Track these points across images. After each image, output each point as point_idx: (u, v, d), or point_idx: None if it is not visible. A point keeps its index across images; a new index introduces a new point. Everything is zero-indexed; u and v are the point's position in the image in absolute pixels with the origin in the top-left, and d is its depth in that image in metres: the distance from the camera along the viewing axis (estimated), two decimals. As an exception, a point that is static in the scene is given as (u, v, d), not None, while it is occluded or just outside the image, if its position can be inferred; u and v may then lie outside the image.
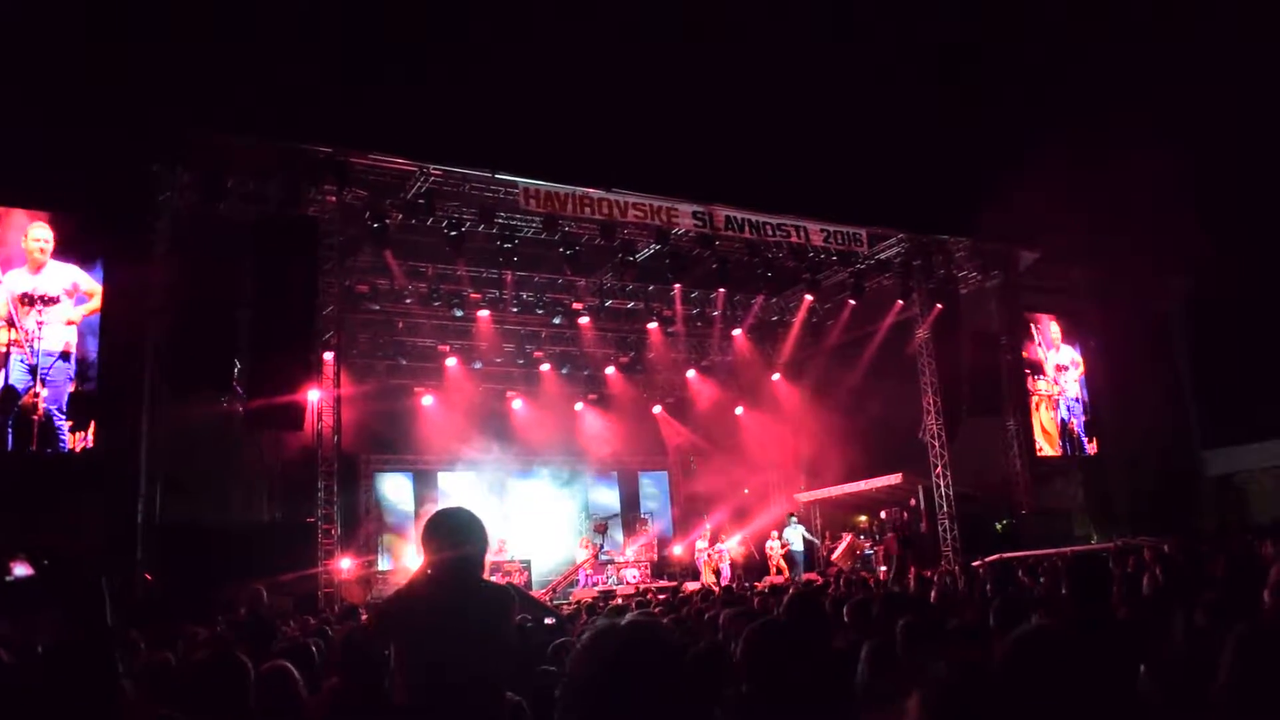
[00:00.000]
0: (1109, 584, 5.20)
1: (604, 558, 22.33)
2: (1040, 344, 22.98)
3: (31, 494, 12.54)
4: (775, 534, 22.60)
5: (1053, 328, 23.31)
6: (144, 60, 16.27)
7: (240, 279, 15.15)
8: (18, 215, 14.03)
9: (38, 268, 13.94)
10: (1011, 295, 21.89)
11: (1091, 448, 23.00)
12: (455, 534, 3.62)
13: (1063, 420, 22.77)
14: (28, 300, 13.76)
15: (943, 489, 20.46)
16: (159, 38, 16.88)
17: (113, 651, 3.36)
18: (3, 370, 13.48)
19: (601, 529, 22.86)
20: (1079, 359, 23.45)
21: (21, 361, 13.60)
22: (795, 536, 22.35)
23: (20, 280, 13.83)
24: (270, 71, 18.09)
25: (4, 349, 13.52)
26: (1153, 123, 16.67)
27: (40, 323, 13.75)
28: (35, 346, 13.68)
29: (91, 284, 14.21)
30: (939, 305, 20.91)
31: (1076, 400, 23.20)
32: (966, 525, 20.31)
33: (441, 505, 3.81)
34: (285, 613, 12.03)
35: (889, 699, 2.48)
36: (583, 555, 22.18)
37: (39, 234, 13.96)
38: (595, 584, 21.14)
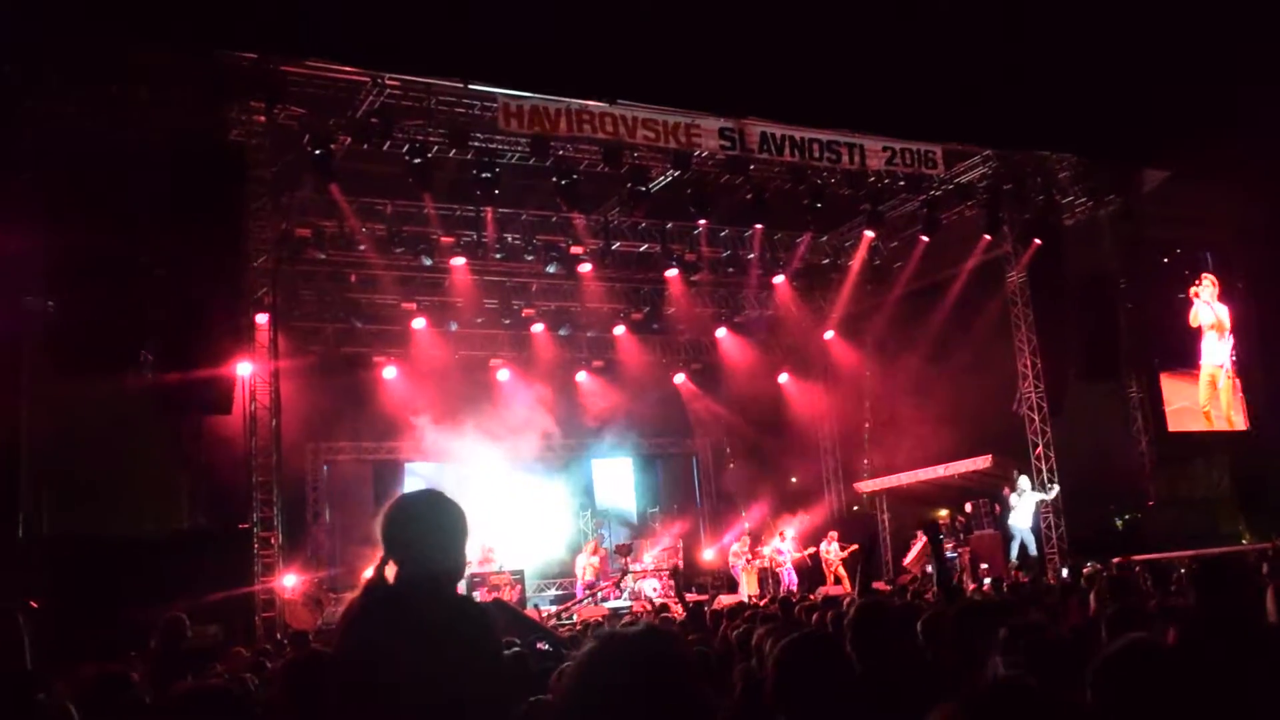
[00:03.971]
0: (1250, 592, 5.29)
1: (626, 578, 22.11)
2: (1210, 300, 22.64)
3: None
4: (832, 535, 22.53)
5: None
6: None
7: (146, 223, 15.07)
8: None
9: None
10: (1133, 227, 21.63)
11: (1241, 421, 22.74)
12: (421, 530, 3.47)
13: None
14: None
15: (1045, 474, 20.36)
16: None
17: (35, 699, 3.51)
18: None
19: (625, 550, 22.75)
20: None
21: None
22: (1025, 506, 19.68)
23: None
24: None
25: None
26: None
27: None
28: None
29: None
30: (1037, 241, 20.68)
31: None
32: (1077, 521, 20.21)
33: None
34: (213, 644, 12.09)
35: None
36: (586, 561, 22.26)
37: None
38: (604, 597, 21.07)
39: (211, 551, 15.87)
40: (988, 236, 21.15)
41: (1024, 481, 19.95)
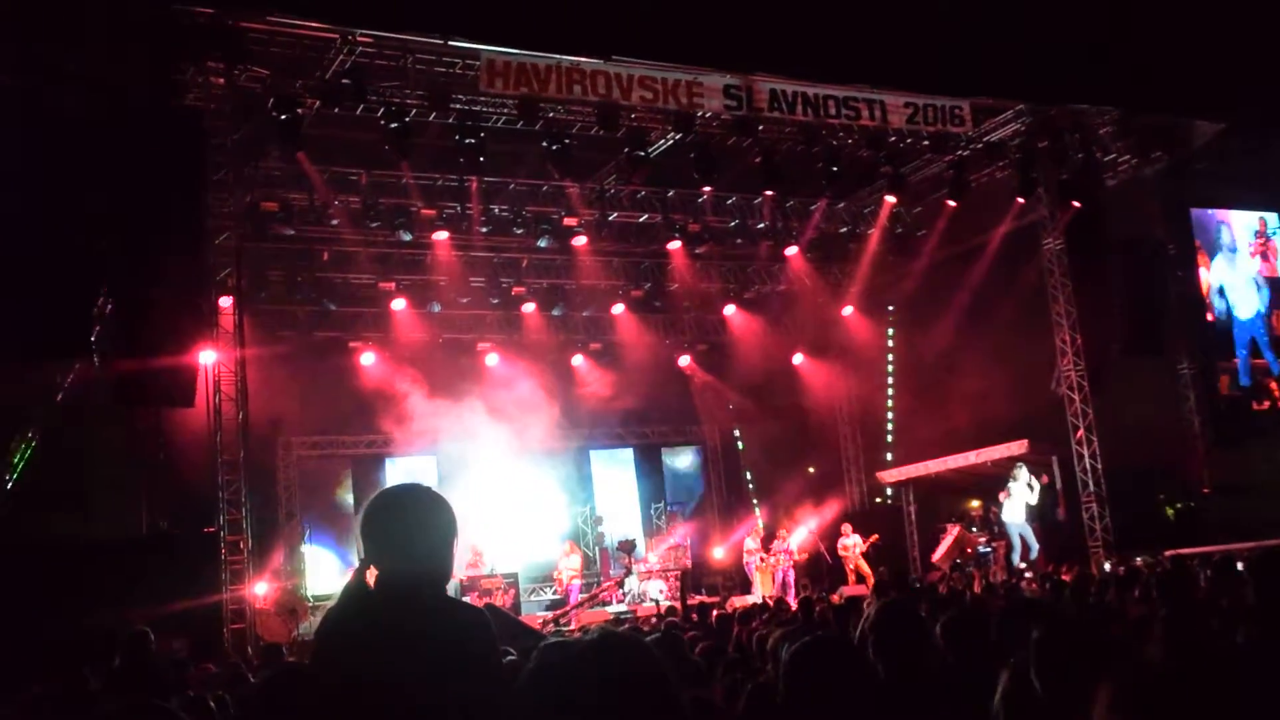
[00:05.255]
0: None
1: (629, 579, 22.15)
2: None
3: None
4: (847, 527, 22.70)
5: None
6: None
7: (95, 197, 14.95)
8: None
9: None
10: (1182, 187, 21.60)
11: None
12: (405, 529, 3.46)
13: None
14: None
15: (1087, 460, 20.27)
16: None
17: None
18: None
19: (628, 548, 22.69)
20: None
21: None
22: (1016, 498, 20.42)
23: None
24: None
25: None
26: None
27: None
28: None
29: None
30: (1076, 204, 20.64)
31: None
32: (1123, 510, 20.09)
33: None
34: (178, 659, 11.99)
35: None
36: (564, 564, 22.42)
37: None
38: (605, 600, 21.05)
39: (174, 557, 15.84)
40: (1021, 200, 21.00)
41: (1022, 472, 20.12)
